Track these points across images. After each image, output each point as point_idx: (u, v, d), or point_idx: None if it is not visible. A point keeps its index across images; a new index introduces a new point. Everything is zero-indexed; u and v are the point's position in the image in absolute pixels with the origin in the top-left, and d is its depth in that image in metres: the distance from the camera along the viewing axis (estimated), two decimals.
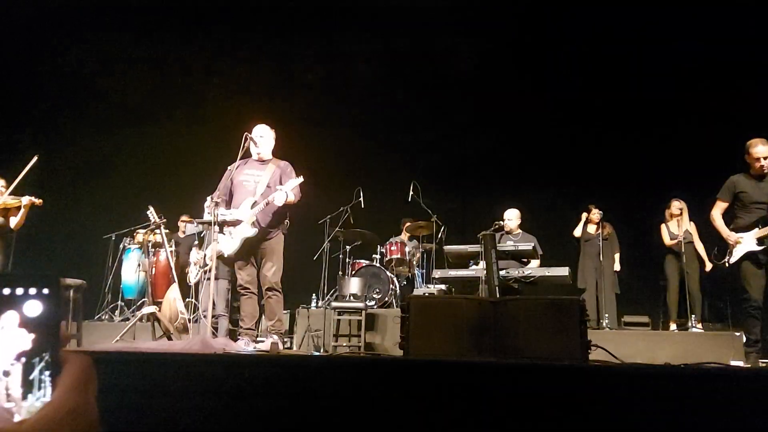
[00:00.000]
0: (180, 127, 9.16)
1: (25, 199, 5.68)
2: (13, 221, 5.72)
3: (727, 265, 4.98)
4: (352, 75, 9.25)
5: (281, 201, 4.82)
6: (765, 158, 4.86)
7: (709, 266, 6.67)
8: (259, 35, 8.68)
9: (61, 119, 8.61)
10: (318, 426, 2.64)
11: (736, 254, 4.92)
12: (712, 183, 5.32)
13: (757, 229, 4.87)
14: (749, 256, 4.88)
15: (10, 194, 5.74)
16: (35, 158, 5.74)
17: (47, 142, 8.44)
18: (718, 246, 5.14)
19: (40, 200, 5.79)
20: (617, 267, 7.51)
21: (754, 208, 4.96)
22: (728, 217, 5.15)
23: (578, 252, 7.70)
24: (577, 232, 7.66)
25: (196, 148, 8.94)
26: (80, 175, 8.62)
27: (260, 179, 5.01)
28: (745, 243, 4.89)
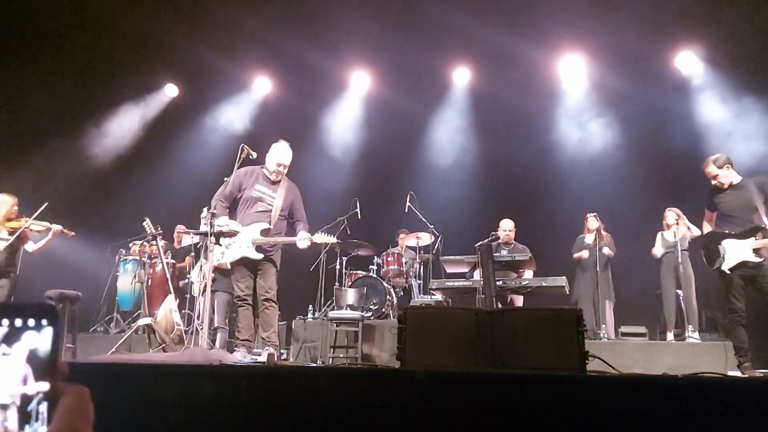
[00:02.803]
0: (176, 137, 9.18)
1: (55, 227, 5.69)
2: (31, 245, 5.74)
3: (727, 271, 4.95)
4: (348, 84, 9.29)
5: (298, 245, 4.93)
6: (714, 177, 5.07)
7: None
8: (255, 46, 8.72)
9: (60, 131, 8.60)
10: None
11: (731, 261, 4.92)
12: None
13: (753, 239, 4.88)
14: (741, 266, 4.90)
15: (32, 220, 5.73)
16: (46, 204, 5.74)
17: (45, 153, 8.45)
18: (707, 251, 5.15)
19: (72, 233, 5.80)
20: (607, 251, 7.37)
21: (733, 215, 5.04)
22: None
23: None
24: (578, 255, 7.61)
25: (192, 159, 8.95)
26: (76, 186, 8.61)
27: (274, 201, 5.03)
28: (742, 252, 4.89)
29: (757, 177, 5.05)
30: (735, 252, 4.91)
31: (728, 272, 4.92)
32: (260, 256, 4.87)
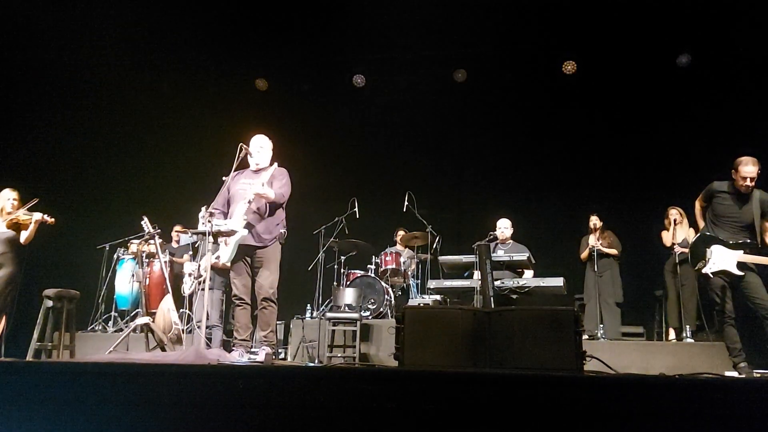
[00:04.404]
0: (174, 137, 9.16)
1: (37, 215, 5.73)
2: (24, 235, 5.75)
3: (702, 271, 4.98)
4: (346, 84, 9.28)
5: (255, 192, 4.83)
6: (752, 179, 4.88)
7: None
8: (253, 46, 8.70)
9: (57, 130, 8.59)
10: None
11: (713, 267, 4.92)
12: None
13: (741, 252, 4.88)
14: (721, 273, 4.91)
15: (21, 210, 5.79)
16: (35, 200, 5.83)
17: (42, 153, 8.43)
18: (694, 251, 5.15)
19: (53, 219, 5.83)
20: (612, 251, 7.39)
21: (727, 220, 5.01)
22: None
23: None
24: (584, 255, 7.57)
25: (190, 157, 8.94)
26: (75, 185, 8.59)
27: (255, 185, 5.03)
28: (726, 261, 4.90)
29: (765, 192, 4.99)
30: (720, 259, 4.91)
31: (710, 275, 4.93)
32: (245, 231, 4.84)
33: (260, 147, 5.15)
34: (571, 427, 2.56)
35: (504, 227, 7.20)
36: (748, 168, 4.86)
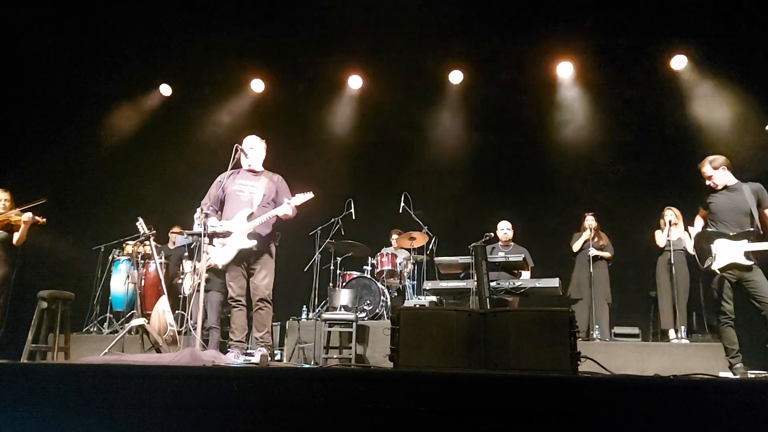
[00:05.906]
0: (170, 137, 9.14)
1: (26, 216, 5.70)
2: (16, 236, 5.74)
3: (717, 271, 4.99)
4: (342, 84, 9.29)
5: (284, 212, 4.91)
6: (710, 177, 5.14)
7: None
8: (250, 45, 8.69)
9: (53, 131, 8.57)
10: None
11: (721, 261, 4.95)
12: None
13: (746, 241, 4.90)
14: (730, 267, 4.93)
15: (14, 210, 5.78)
16: (44, 200, 5.85)
17: (39, 153, 8.40)
18: (699, 250, 5.18)
19: (44, 219, 5.81)
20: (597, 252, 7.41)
21: (724, 215, 5.08)
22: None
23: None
24: (576, 246, 7.59)
25: (186, 159, 8.92)
26: (70, 185, 8.56)
27: (255, 190, 5.03)
28: (733, 253, 4.92)
29: (753, 183, 5.07)
30: (726, 253, 4.93)
31: (717, 272, 4.95)
32: (254, 242, 4.88)
33: (251, 148, 5.16)
34: (565, 428, 2.57)
35: (506, 228, 7.26)
36: (702, 170, 5.19)
